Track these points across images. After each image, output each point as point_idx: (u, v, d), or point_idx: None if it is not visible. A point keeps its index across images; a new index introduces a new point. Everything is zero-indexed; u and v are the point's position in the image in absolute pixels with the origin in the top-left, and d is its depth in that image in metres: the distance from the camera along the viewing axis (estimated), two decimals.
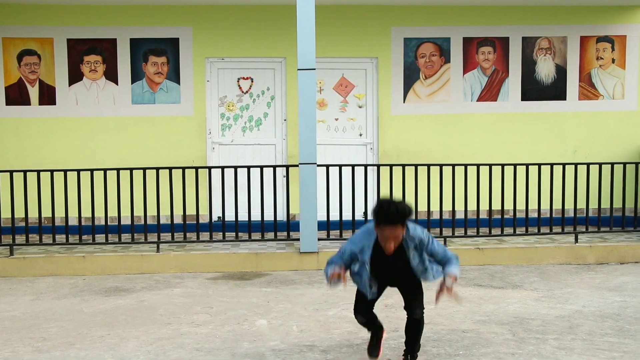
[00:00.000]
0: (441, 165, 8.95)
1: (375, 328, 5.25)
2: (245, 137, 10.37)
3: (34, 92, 10.11)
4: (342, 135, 10.46)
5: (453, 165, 8.95)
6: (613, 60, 10.61)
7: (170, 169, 8.72)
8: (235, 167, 8.80)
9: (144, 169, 8.68)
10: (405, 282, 5.00)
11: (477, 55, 10.47)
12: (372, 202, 9.54)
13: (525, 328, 6.08)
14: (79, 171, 8.64)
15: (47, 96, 10.13)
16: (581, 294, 7.24)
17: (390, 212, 4.53)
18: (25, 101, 10.10)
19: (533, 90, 10.57)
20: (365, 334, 5.96)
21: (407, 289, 5.04)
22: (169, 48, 10.18)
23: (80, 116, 10.17)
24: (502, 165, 9.00)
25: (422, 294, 5.00)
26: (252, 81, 10.36)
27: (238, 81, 10.35)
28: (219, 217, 9.70)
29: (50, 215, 8.75)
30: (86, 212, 8.91)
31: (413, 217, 4.64)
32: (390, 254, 4.71)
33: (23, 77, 10.08)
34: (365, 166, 9.05)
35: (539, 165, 9.06)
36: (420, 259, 4.85)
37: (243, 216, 9.04)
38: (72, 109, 10.16)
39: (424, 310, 5.09)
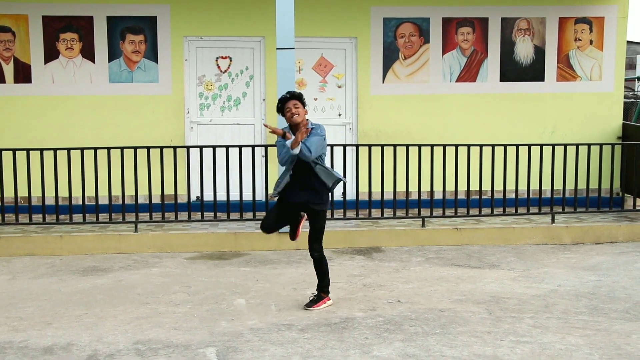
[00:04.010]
0: (420, 146, 8.97)
1: (292, 224, 6.33)
2: (224, 117, 10.31)
3: (8, 70, 9.97)
4: (321, 115, 10.42)
5: (432, 146, 8.97)
6: (591, 42, 10.65)
7: (148, 148, 8.66)
8: (214, 147, 8.76)
9: (122, 148, 8.61)
10: (311, 202, 6.06)
11: (457, 36, 10.47)
12: (351, 182, 9.57)
13: (501, 307, 6.14)
14: (55, 150, 8.56)
15: (23, 74, 9.99)
16: (557, 274, 7.33)
17: (288, 94, 6.09)
18: (0, 79, 9.96)
19: (512, 71, 10.59)
20: (342, 313, 6.01)
21: (312, 223, 6.12)
22: (147, 26, 10.07)
23: (57, 94, 10.03)
24: (481, 146, 9.05)
25: (321, 232, 6.14)
26: (230, 60, 10.28)
27: (216, 60, 10.28)
28: (197, 197, 9.67)
29: (27, 195, 8.67)
30: (63, 192, 8.83)
31: (305, 101, 6.10)
32: (295, 124, 6.01)
33: None
34: (344, 146, 9.05)
35: (517, 145, 9.11)
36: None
37: (222, 196, 9.00)
38: (48, 88, 10.03)
39: (321, 251, 6.13)
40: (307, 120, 6.12)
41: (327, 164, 6.34)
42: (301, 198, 6.12)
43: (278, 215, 6.28)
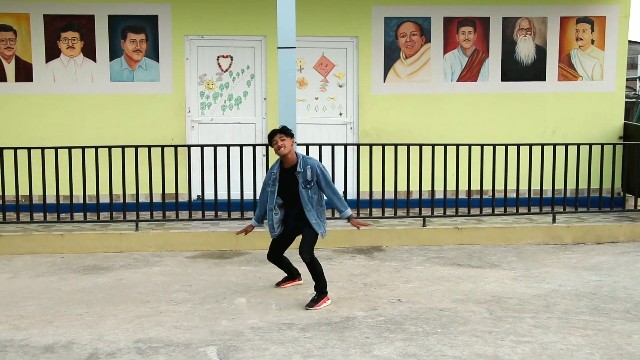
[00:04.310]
0: (421, 145, 8.96)
1: (290, 273, 6.82)
2: (225, 116, 10.31)
3: (10, 68, 9.97)
4: (322, 114, 10.43)
5: (433, 145, 8.97)
6: (592, 42, 10.65)
7: (149, 147, 8.66)
8: (215, 146, 8.76)
9: (123, 147, 8.62)
10: (305, 223, 6.36)
11: (458, 35, 10.46)
12: (352, 182, 9.56)
13: (502, 307, 6.14)
14: (56, 149, 8.56)
15: (24, 73, 9.99)
16: (558, 274, 7.32)
17: (275, 129, 6.44)
18: (1, 78, 9.95)
19: (513, 70, 10.59)
20: (342, 312, 6.02)
21: (305, 233, 6.38)
22: (148, 25, 10.07)
23: (58, 93, 10.04)
24: (482, 146, 9.04)
25: (313, 241, 6.35)
26: (231, 59, 10.28)
27: (218, 59, 10.28)
28: (198, 196, 9.67)
29: (28, 193, 8.67)
30: (64, 191, 8.83)
31: (293, 134, 6.48)
32: (287, 165, 6.38)
33: None
34: (345, 145, 9.05)
35: (518, 145, 9.11)
36: (316, 191, 6.38)
37: (222, 195, 9.00)
38: (50, 86, 10.03)
39: (312, 254, 6.29)
40: (296, 153, 6.45)
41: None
42: (296, 224, 6.45)
43: (282, 246, 6.64)
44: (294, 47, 8.28)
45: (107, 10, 9.97)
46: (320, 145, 8.78)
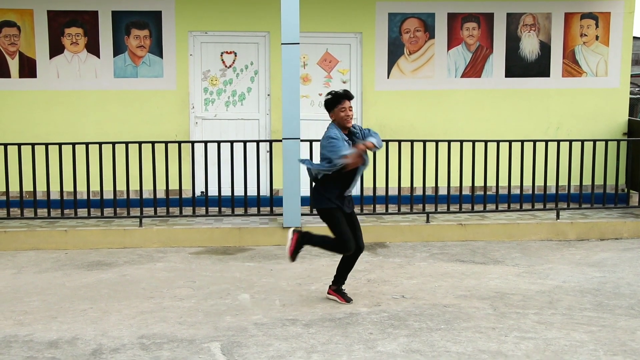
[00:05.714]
0: (424, 141, 8.96)
1: (344, 277, 6.21)
2: (229, 112, 10.31)
3: (13, 64, 9.97)
4: (325, 110, 10.39)
5: (436, 142, 8.96)
6: (597, 37, 10.62)
7: (153, 143, 8.67)
8: (219, 142, 8.77)
9: (127, 143, 8.62)
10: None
11: (462, 31, 10.44)
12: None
13: (506, 303, 6.14)
14: (60, 145, 8.57)
15: (28, 69, 10.00)
16: (561, 270, 7.32)
17: (343, 91, 6.17)
18: (5, 74, 9.96)
19: (517, 66, 10.56)
20: (346, 308, 6.01)
21: (356, 221, 6.26)
22: (152, 21, 10.06)
23: (62, 89, 10.05)
24: (485, 142, 9.03)
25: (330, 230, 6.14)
26: (235, 55, 10.28)
27: (221, 55, 10.27)
28: (202, 192, 9.67)
29: (32, 189, 8.69)
30: (68, 186, 8.84)
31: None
32: (350, 126, 6.23)
33: (2, 49, 9.93)
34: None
35: (522, 141, 9.10)
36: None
37: (226, 191, 9.02)
38: (53, 82, 10.04)
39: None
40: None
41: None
42: (349, 199, 6.33)
43: (353, 229, 6.22)
44: (298, 43, 8.27)
45: (110, 6, 9.97)
46: None
